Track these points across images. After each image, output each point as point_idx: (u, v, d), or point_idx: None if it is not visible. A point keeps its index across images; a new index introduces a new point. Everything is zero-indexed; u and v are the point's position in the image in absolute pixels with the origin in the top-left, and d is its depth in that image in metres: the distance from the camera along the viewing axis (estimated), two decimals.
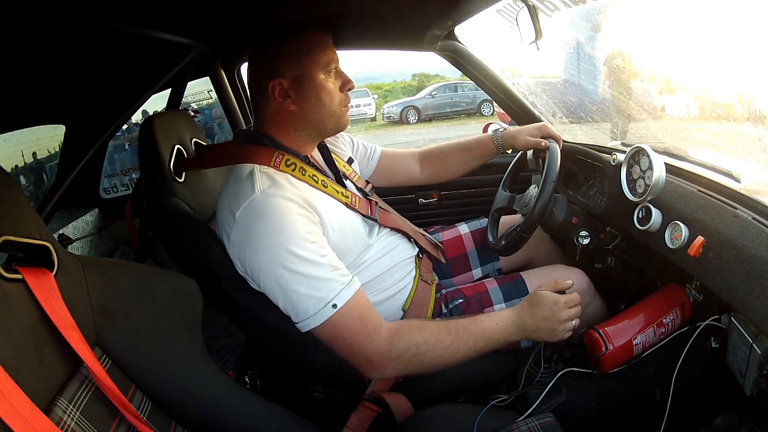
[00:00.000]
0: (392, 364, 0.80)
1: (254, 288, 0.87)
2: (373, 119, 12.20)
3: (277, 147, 0.89)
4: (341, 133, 1.04)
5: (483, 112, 11.06)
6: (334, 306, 0.77)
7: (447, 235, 1.29)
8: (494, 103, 9.21)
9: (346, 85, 0.92)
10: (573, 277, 1.07)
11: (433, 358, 0.81)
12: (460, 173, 1.31)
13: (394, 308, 0.99)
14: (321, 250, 0.80)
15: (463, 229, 1.31)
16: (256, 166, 0.85)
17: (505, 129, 1.24)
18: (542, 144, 1.13)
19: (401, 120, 11.42)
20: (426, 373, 0.84)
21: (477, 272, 1.26)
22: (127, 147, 2.47)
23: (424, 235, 1.18)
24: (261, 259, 0.79)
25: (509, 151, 1.25)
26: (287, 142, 0.91)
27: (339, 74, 0.91)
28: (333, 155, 1.05)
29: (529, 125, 1.22)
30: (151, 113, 2.32)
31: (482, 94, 10.90)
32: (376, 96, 13.04)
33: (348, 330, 0.78)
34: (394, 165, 1.29)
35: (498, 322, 0.86)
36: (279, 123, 0.90)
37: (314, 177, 0.89)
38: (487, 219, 1.26)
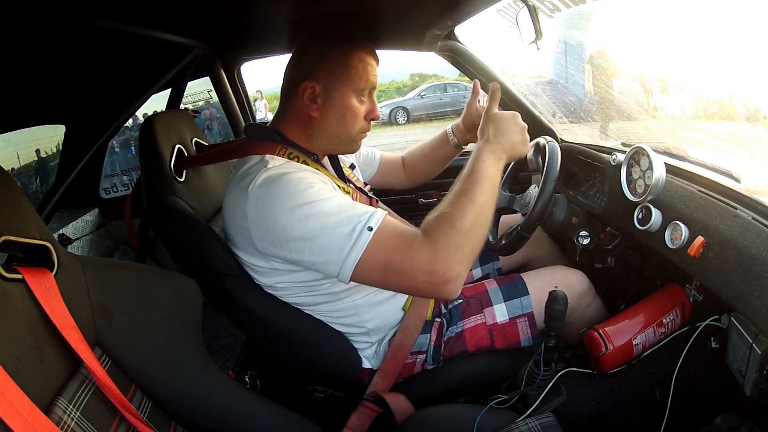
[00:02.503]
0: (450, 259, 0.72)
1: (258, 284, 0.86)
2: None
3: (286, 143, 0.90)
4: None
5: None
6: (370, 229, 0.73)
7: None
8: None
9: (371, 113, 0.92)
10: (573, 279, 1.07)
11: (469, 229, 0.74)
12: (429, 172, 1.32)
13: (394, 308, 1.00)
14: (339, 195, 0.80)
15: None
16: (266, 155, 0.86)
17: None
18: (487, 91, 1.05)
19: (390, 121, 11.21)
20: (480, 243, 0.77)
21: (477, 272, 1.26)
22: (117, 150, 2.48)
23: None
24: (284, 216, 0.76)
25: (465, 147, 1.23)
26: (299, 142, 0.91)
27: (371, 100, 0.92)
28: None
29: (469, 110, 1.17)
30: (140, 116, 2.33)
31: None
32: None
33: (392, 247, 0.73)
34: (392, 169, 1.32)
35: (477, 158, 0.82)
36: (298, 123, 0.90)
37: (317, 170, 0.90)
38: None
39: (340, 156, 1.09)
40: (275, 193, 0.77)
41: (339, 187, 0.93)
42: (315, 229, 0.74)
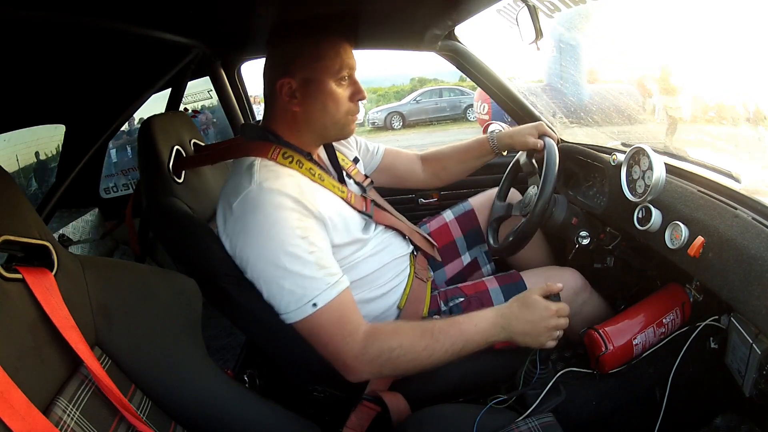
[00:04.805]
0: (366, 368, 0.81)
1: (249, 280, 0.87)
2: (361, 124, 11.99)
3: (281, 143, 0.90)
4: None
5: (468, 118, 10.77)
6: (314, 305, 0.77)
7: (434, 225, 1.31)
8: (475, 110, 9.01)
9: (356, 95, 0.91)
10: (566, 277, 1.08)
11: (408, 361, 0.80)
12: (459, 174, 1.31)
13: (389, 305, 1.00)
14: (310, 247, 0.80)
15: (448, 216, 1.31)
16: (257, 159, 0.86)
17: (501, 130, 1.24)
18: (538, 145, 1.13)
19: (385, 126, 11.08)
20: (404, 375, 0.85)
21: (465, 257, 1.27)
22: (114, 158, 2.48)
23: (420, 233, 1.18)
24: (251, 251, 0.80)
25: (505, 153, 1.25)
26: (292, 140, 0.91)
27: (352, 83, 0.91)
28: (338, 154, 1.05)
29: (525, 125, 1.22)
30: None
31: (467, 99, 10.68)
32: (365, 101, 12.78)
33: (325, 330, 0.79)
34: (397, 162, 1.28)
35: (478, 323, 0.83)
36: (284, 121, 0.91)
37: (311, 170, 0.90)
38: (470, 202, 1.31)
39: (341, 150, 1.09)
40: (252, 223, 0.79)
41: (334, 186, 0.93)
42: (271, 277, 0.79)
